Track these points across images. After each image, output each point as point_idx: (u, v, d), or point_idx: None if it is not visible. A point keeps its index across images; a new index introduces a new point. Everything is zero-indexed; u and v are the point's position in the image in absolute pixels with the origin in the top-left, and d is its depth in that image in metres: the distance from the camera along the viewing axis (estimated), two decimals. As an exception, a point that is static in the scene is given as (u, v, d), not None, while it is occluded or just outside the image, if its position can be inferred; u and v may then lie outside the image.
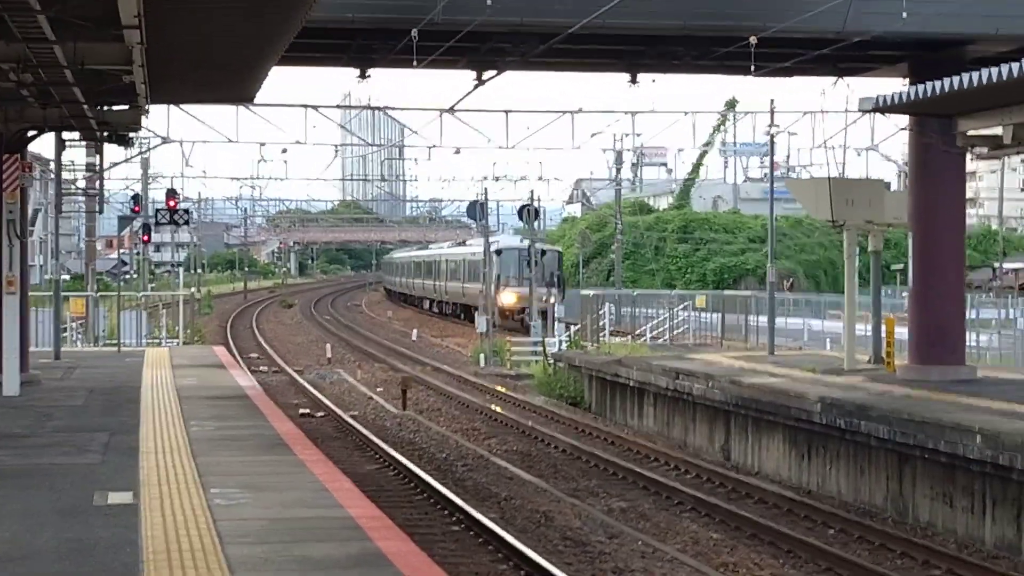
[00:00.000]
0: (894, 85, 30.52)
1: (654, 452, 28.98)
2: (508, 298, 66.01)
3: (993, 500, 20.15)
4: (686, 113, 54.21)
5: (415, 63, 24.01)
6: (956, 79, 20.91)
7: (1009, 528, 19.71)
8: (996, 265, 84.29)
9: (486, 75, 27.29)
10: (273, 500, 13.28)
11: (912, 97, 22.32)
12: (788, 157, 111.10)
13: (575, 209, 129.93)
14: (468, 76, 27.92)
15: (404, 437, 31.59)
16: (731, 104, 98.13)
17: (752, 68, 24.96)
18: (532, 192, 59.53)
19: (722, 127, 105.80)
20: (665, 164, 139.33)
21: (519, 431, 33.05)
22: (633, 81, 28.75)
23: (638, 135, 66.38)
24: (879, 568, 18.37)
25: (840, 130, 40.99)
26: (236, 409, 21.86)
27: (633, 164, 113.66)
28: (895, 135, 55.61)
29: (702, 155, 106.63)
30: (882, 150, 55.84)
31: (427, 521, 21.08)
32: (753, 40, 23.31)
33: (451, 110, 43.70)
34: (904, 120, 34.41)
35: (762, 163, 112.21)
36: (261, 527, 11.98)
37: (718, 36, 25.39)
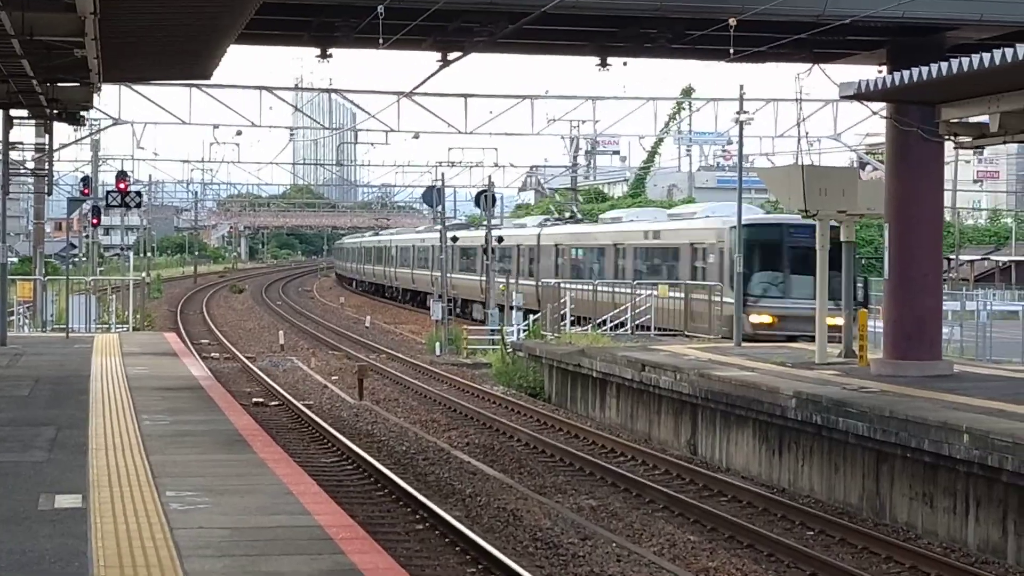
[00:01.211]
0: (868, 73, 29.79)
1: (619, 446, 28.21)
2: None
3: (977, 501, 19.47)
4: (648, 100, 53.24)
5: (381, 42, 23.06)
6: (944, 65, 20.16)
7: (994, 530, 19.03)
8: (951, 257, 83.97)
9: (451, 56, 26.34)
10: (234, 505, 12.32)
11: (895, 83, 21.57)
12: (740, 145, 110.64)
13: (529, 196, 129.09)
14: (428, 60, 27.05)
15: (362, 428, 30.72)
16: (687, 92, 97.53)
17: (731, 52, 24.13)
18: (490, 178, 58.68)
19: (678, 115, 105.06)
20: (618, 152, 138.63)
21: (480, 423, 32.23)
22: (603, 65, 27.91)
23: (597, 122, 65.30)
24: (865, 574, 17.63)
25: (803, 119, 40.36)
26: (190, 401, 20.88)
27: (587, 152, 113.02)
28: (856, 125, 55.12)
29: (657, 143, 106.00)
30: (844, 140, 55.13)
31: (389, 519, 20.24)
32: (733, 22, 22.47)
33: (410, 94, 42.75)
34: (868, 109, 33.73)
35: (724, 151, 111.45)
36: (222, 537, 11.02)
37: (695, 18, 24.53)
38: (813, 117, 49.82)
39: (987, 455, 18.51)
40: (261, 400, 34.72)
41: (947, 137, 23.70)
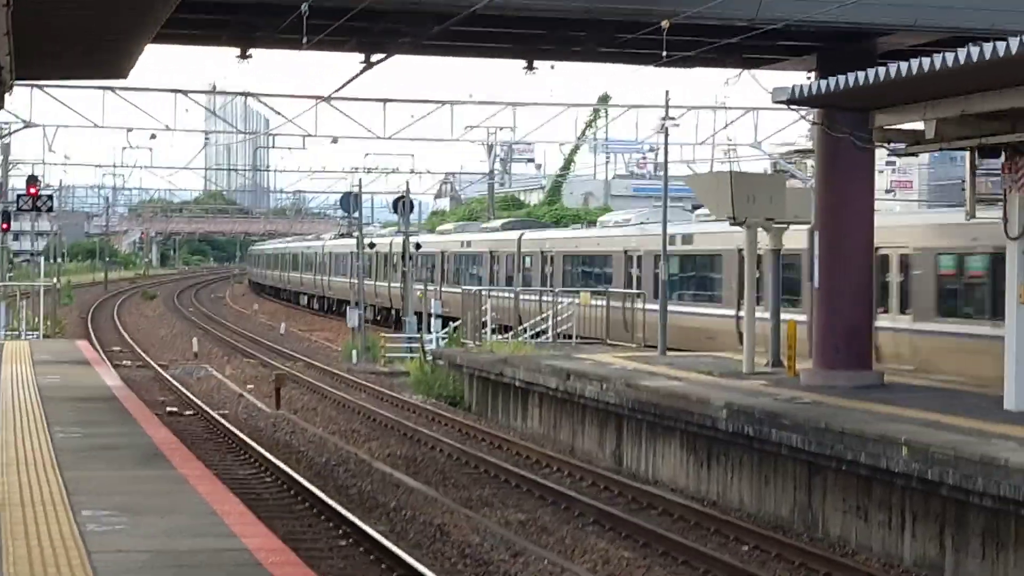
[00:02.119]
0: (796, 79, 29.45)
1: (544, 457, 27.66)
2: None
3: (914, 515, 19.09)
4: (568, 106, 52.79)
5: (305, 41, 22.38)
6: (881, 70, 19.79)
7: (931, 545, 18.65)
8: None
9: (375, 58, 25.68)
10: (155, 526, 11.63)
11: (830, 88, 21.16)
12: (655, 153, 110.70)
13: (444, 203, 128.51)
14: (347, 64, 26.41)
15: (280, 439, 30.04)
16: (604, 99, 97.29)
17: (664, 55, 23.63)
18: (407, 184, 58.08)
19: (594, 123, 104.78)
20: (532, 160, 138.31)
21: (401, 433, 31.61)
22: (530, 68, 27.36)
23: (514, 129, 64.80)
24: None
25: (729, 123, 39.86)
26: (105, 412, 20.13)
27: (501, 159, 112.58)
28: (776, 133, 54.98)
29: (574, 150, 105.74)
30: (764, 148, 54.89)
31: (311, 535, 19.59)
32: (666, 25, 21.97)
33: (329, 98, 42.06)
34: (799, 115, 33.43)
35: (644, 157, 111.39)
36: (144, 562, 10.34)
37: (625, 21, 24.01)
38: (733, 125, 49.53)
39: (927, 469, 18.10)
40: (175, 410, 33.97)
41: (881, 144, 23.37)
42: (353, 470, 25.77)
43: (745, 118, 52.75)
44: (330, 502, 21.00)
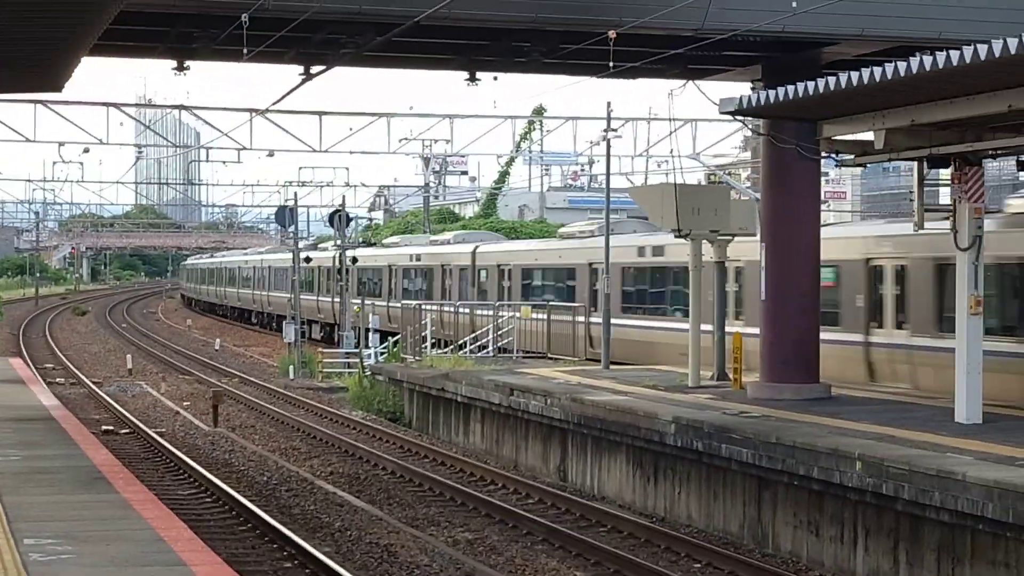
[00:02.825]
0: (740, 89, 29.29)
1: (488, 473, 27.31)
2: None
3: (866, 530, 18.89)
4: (505, 118, 52.51)
5: (245, 53, 21.94)
6: (831, 80, 19.57)
7: (885, 560, 18.47)
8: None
9: (315, 70, 25.27)
10: (101, 554, 11.20)
11: (778, 98, 20.93)
12: (591, 165, 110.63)
13: (378, 216, 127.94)
14: (284, 76, 25.99)
15: (219, 458, 29.52)
16: (539, 111, 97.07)
17: (611, 66, 23.31)
18: (343, 197, 57.64)
19: (529, 135, 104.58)
20: (466, 172, 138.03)
21: (341, 450, 31.16)
22: (472, 80, 26.99)
23: (449, 142, 64.41)
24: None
25: (672, 132, 39.77)
26: (43, 434, 19.62)
27: (436, 171, 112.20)
28: (715, 145, 54.91)
29: (509, 163, 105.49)
30: (703, 159, 54.83)
31: (255, 557, 19.13)
32: (613, 35, 21.66)
33: (265, 111, 41.57)
34: (745, 125, 33.27)
35: (583, 168, 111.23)
36: (92, 594, 9.93)
37: (570, 31, 23.70)
38: (671, 137, 49.33)
39: (881, 483, 17.87)
40: (111, 428, 33.36)
41: (829, 155, 23.18)
42: (295, 489, 25.32)
43: (684, 129, 52.55)
44: (274, 523, 20.55)
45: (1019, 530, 15.77)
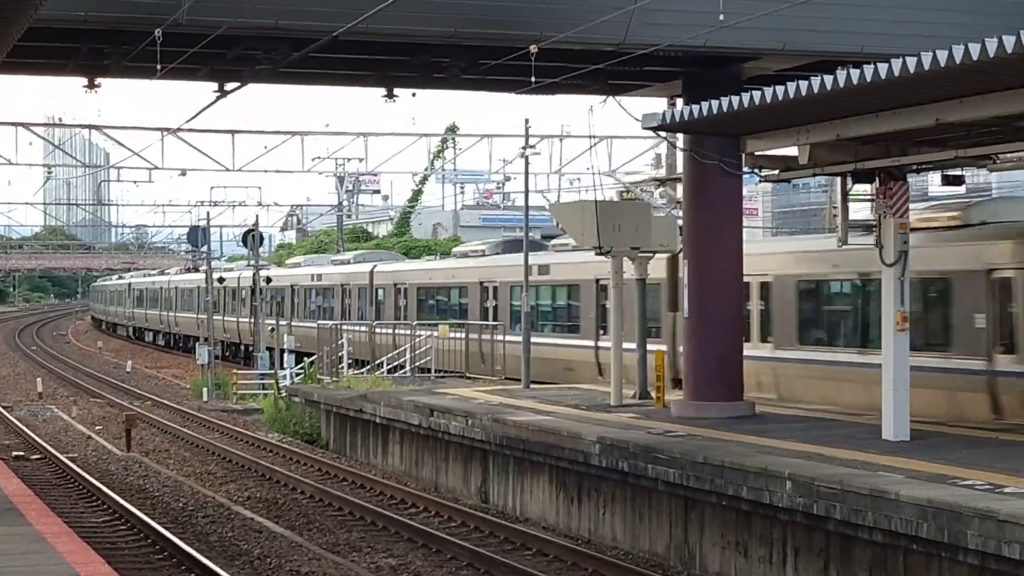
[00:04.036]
0: (661, 104, 29.06)
1: (409, 496, 26.86)
2: None
3: (796, 550, 18.63)
4: (419, 136, 52.09)
5: (159, 69, 21.39)
6: (756, 94, 19.34)
7: (815, 580, 18.17)
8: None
9: (229, 87, 24.77)
10: (14, 593, 10.70)
11: (702, 114, 20.69)
12: (504, 183, 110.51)
13: (291, 236, 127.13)
14: (196, 94, 25.44)
15: (133, 483, 28.89)
16: (452, 129, 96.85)
17: (533, 81, 22.97)
18: (256, 217, 57.02)
19: (442, 153, 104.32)
20: (379, 191, 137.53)
21: (258, 474, 30.60)
22: (389, 96, 26.58)
23: (362, 160, 63.81)
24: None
25: (591, 147, 39.61)
26: (-50, 463, 18.98)
27: (348, 191, 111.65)
28: (631, 161, 54.73)
29: (423, 181, 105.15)
30: (619, 176, 54.56)
31: (173, 587, 18.63)
32: (534, 49, 21.31)
33: (176, 130, 40.94)
34: (667, 140, 33.07)
35: (498, 187, 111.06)
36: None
37: (489, 46, 23.34)
38: (587, 153, 49.20)
39: (812, 503, 17.60)
40: (22, 454, 32.65)
41: (752, 170, 22.96)
42: (212, 515, 24.76)
43: (598, 147, 52.27)
44: (192, 552, 20.02)
45: (954, 550, 15.53)
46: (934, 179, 39.86)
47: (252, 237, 54.28)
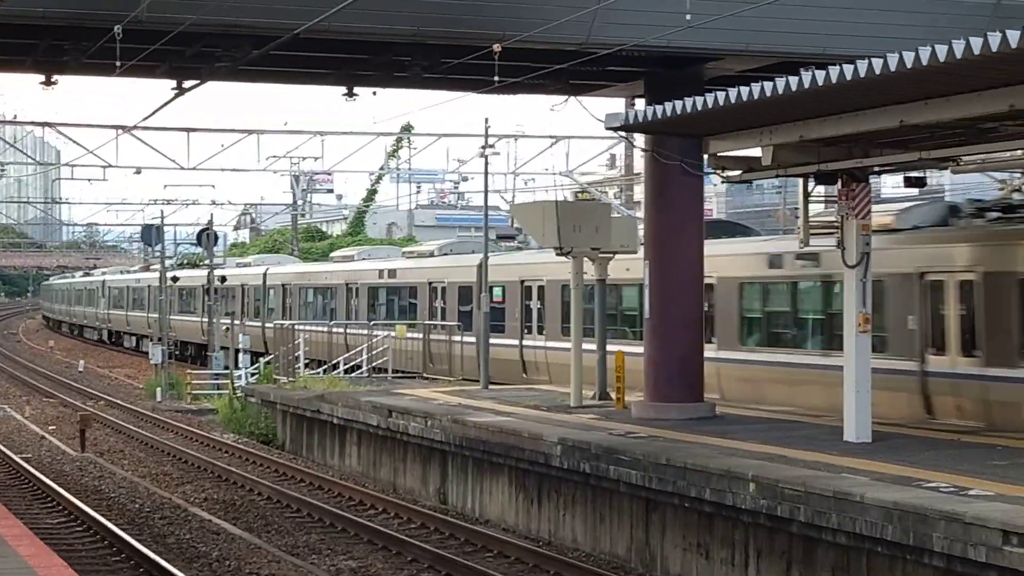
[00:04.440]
0: (621, 105, 28.99)
1: (368, 497, 26.71)
2: None
3: (758, 551, 18.57)
4: (376, 136, 51.81)
5: (118, 66, 21.14)
6: (720, 95, 19.28)
7: (778, 582, 18.11)
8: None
9: (188, 84, 24.53)
10: (-26, 597, 10.53)
11: (665, 114, 20.62)
12: (459, 183, 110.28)
13: (245, 235, 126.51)
14: (152, 91, 25.15)
15: (88, 484, 28.66)
16: (407, 128, 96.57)
17: (496, 80, 22.83)
18: (211, 216, 56.67)
19: (397, 152, 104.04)
20: (332, 190, 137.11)
21: (215, 475, 30.37)
22: (350, 95, 26.39)
23: (316, 159, 63.43)
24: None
25: (550, 146, 39.47)
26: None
27: (303, 190, 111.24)
28: (588, 162, 54.74)
29: (378, 180, 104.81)
30: (576, 176, 54.60)
31: (132, 590, 18.44)
32: (498, 48, 21.18)
33: (132, 128, 40.61)
34: (630, 141, 33.01)
35: (455, 186, 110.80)
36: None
37: (452, 45, 23.19)
38: (544, 154, 49.18)
39: (776, 505, 17.54)
40: (-25, 455, 32.35)
41: (714, 171, 22.91)
42: (169, 517, 24.55)
43: (554, 147, 52.23)
44: (150, 554, 19.82)
45: (919, 552, 15.50)
46: (886, 181, 40.13)
47: (207, 236, 53.91)
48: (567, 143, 49.66)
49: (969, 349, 23.54)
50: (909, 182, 22.60)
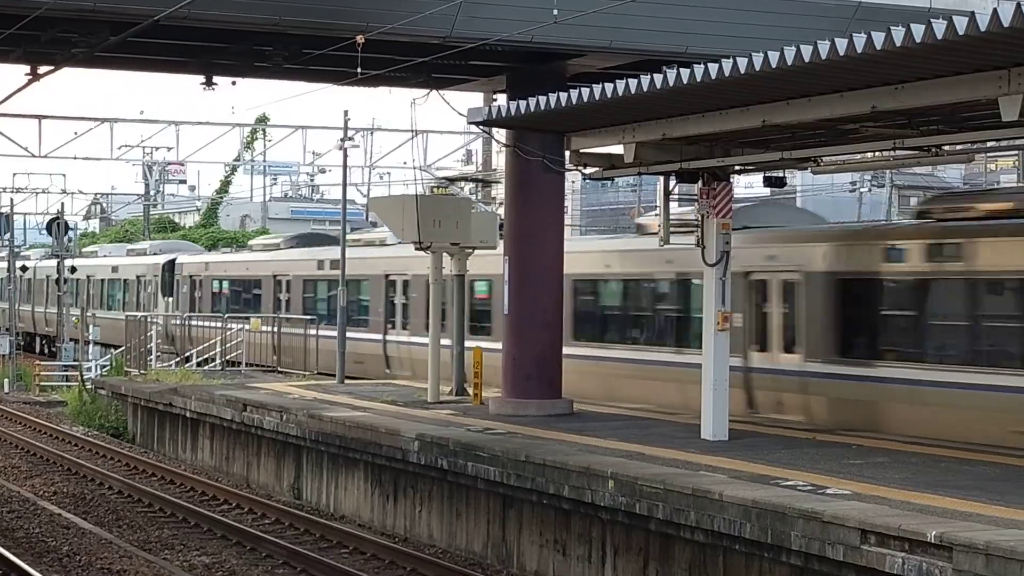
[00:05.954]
0: (481, 100, 28.90)
1: (221, 492, 26.39)
2: None
3: (615, 548, 18.60)
4: (233, 126, 51.21)
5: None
6: (585, 91, 19.24)
7: (634, 579, 18.14)
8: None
9: (42, 70, 24.00)
10: None
11: (529, 110, 20.54)
12: (314, 175, 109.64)
13: (94, 225, 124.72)
14: (5, 76, 24.55)
15: (-69, 478, 27.98)
16: (262, 120, 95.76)
17: (359, 72, 22.59)
18: (62, 205, 55.75)
19: (252, 144, 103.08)
20: (185, 181, 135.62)
21: (64, 468, 29.83)
22: (208, 84, 26.02)
23: (170, 149, 62.66)
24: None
25: (410, 140, 39.41)
26: None
27: (156, 180, 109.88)
28: (445, 157, 54.50)
29: (232, 171, 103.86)
30: (434, 170, 54.36)
31: (-23, 585, 17.99)
32: (361, 40, 20.95)
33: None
34: (493, 137, 32.94)
35: (311, 178, 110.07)
36: None
37: (314, 36, 22.92)
38: (403, 147, 48.97)
39: (635, 502, 17.54)
40: None
41: (576, 167, 22.88)
42: (18, 511, 24.03)
43: (412, 142, 51.90)
44: (-3, 548, 19.39)
45: (777, 550, 15.57)
46: (739, 181, 40.63)
47: (57, 225, 53.04)
48: (425, 137, 49.38)
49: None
50: (769, 181, 22.77)
